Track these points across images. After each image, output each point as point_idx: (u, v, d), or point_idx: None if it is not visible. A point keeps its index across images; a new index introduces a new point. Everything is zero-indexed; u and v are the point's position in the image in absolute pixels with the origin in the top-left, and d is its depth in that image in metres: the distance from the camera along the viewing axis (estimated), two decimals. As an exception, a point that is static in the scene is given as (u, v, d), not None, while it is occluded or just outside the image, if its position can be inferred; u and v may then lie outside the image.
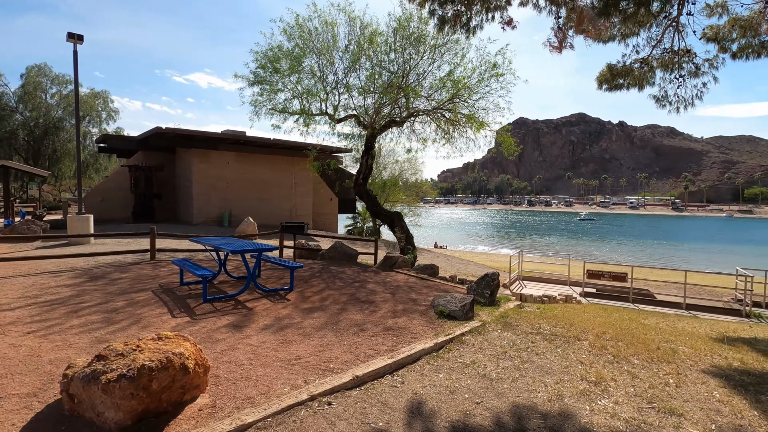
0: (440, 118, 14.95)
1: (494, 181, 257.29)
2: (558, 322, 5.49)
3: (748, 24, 8.06)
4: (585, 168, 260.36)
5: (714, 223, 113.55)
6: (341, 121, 14.87)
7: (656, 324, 6.32)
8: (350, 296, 6.77)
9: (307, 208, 24.49)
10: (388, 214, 12.76)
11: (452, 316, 5.38)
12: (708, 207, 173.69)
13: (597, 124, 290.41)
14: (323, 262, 10.70)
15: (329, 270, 9.35)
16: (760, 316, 11.02)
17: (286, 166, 23.57)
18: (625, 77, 9.13)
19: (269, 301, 6.40)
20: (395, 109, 14.80)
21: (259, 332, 4.92)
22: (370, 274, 8.85)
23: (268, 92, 14.48)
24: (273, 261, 7.49)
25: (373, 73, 14.27)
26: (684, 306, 11.73)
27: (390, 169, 25.23)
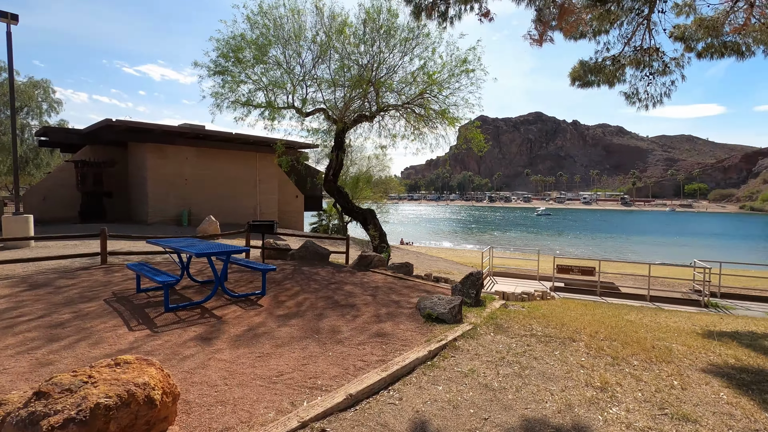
0: (410, 114, 14.68)
1: (457, 177, 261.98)
2: (548, 322, 5.35)
3: (711, 24, 8.28)
4: (542, 165, 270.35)
5: (658, 217, 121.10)
6: (309, 115, 14.29)
7: (640, 320, 6.35)
8: (328, 300, 6.34)
9: (272, 205, 23.61)
10: (361, 212, 12.36)
11: (441, 319, 5.09)
12: (653, 202, 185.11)
13: (553, 123, 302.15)
14: (294, 262, 10.17)
15: (302, 271, 8.86)
16: (717, 306, 11.57)
17: (249, 162, 22.58)
18: (596, 74, 9.20)
19: (240, 308, 5.87)
20: (365, 103, 14.40)
21: (231, 345, 4.42)
22: (345, 275, 8.44)
23: (231, 83, 13.66)
24: (242, 263, 6.93)
25: (343, 65, 13.78)
26: (648, 298, 12.14)
27: (358, 165, 24.77)
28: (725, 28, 8.02)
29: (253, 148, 22.17)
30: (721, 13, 8.06)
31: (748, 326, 6.35)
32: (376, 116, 14.65)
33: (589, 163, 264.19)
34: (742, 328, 6.07)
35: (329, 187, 12.71)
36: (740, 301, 12.41)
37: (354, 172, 24.57)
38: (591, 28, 8.27)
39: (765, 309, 11.56)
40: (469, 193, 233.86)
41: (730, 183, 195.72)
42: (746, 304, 12.10)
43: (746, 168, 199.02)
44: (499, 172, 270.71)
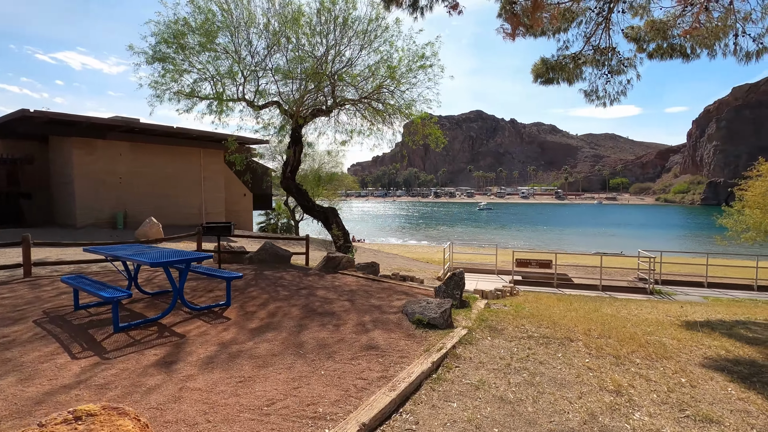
0: (368, 108, 14.30)
1: (403, 174, 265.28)
2: (539, 321, 5.26)
3: (661, 27, 8.71)
4: (483, 161, 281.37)
5: (588, 209, 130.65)
6: (262, 109, 13.44)
7: (618, 313, 6.52)
8: (304, 308, 5.83)
9: (218, 205, 22.17)
10: (322, 211, 11.79)
11: (432, 324, 4.81)
12: (583, 195, 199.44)
13: (492, 121, 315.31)
14: (253, 266, 9.44)
15: (264, 276, 8.20)
16: (660, 292, 12.41)
17: (193, 158, 20.99)
18: (558, 71, 9.39)
19: (204, 323, 5.20)
20: (321, 97, 13.81)
21: (204, 369, 3.82)
22: (314, 278, 7.91)
23: (173, 72, 12.46)
24: (202, 272, 6.19)
25: (297, 56, 13.08)
26: (600, 287, 12.77)
27: (309, 162, 23.95)
28: (675, 30, 8.47)
29: (197, 143, 20.63)
30: (670, 16, 8.51)
31: (710, 314, 6.76)
32: (333, 111, 14.13)
33: (526, 159, 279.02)
34: (708, 317, 6.43)
35: (287, 185, 12.00)
36: (677, 287, 13.43)
37: (306, 169, 23.75)
38: (553, 25, 8.37)
39: (699, 293, 12.59)
40: (415, 189, 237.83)
41: (647, 177, 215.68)
42: (683, 289, 13.11)
43: (660, 164, 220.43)
44: (444, 168, 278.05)
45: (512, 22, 6.89)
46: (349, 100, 14.03)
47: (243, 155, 12.81)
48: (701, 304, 8.36)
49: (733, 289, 13.19)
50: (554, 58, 9.35)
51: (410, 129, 14.83)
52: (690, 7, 8.07)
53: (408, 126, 14.94)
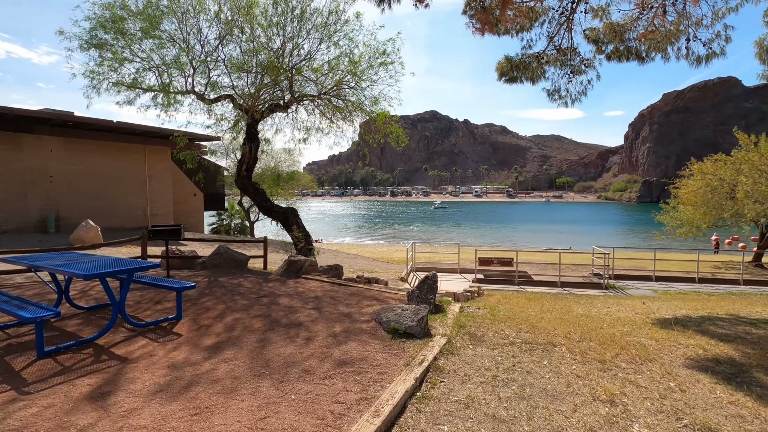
0: (328, 105, 13.79)
1: (360, 173, 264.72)
2: (518, 325, 5.08)
3: (619, 29, 8.94)
4: (438, 160, 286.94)
5: (537, 207, 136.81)
6: (214, 102, 12.57)
7: (590, 312, 6.52)
8: (266, 319, 5.30)
9: (165, 205, 20.69)
10: (281, 211, 11.14)
11: (409, 333, 4.47)
12: (532, 194, 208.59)
13: (447, 121, 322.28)
14: (206, 272, 8.69)
15: (219, 283, 7.53)
16: (614, 287, 12.88)
17: (137, 155, 19.41)
18: (522, 70, 9.41)
19: (150, 341, 4.56)
20: (278, 92, 13.15)
21: (150, 399, 3.25)
22: (275, 285, 7.35)
23: (111, 61, 11.34)
24: (147, 282, 5.49)
25: (251, 48, 12.34)
26: (559, 284, 13.06)
27: (266, 160, 22.96)
28: (632, 34, 8.71)
29: (140, 139, 19.11)
30: (628, 19, 8.75)
31: (673, 309, 6.95)
32: (291, 106, 13.50)
33: (479, 159, 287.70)
34: (674, 313, 6.60)
35: (243, 184, 11.24)
36: (628, 281, 14.03)
37: (263, 168, 22.75)
38: (519, 23, 8.34)
39: (648, 287, 13.21)
40: (372, 189, 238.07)
41: (589, 176, 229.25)
42: (634, 283, 13.72)
43: (601, 164, 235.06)
44: (400, 167, 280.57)
45: (481, 17, 6.72)
46: (308, 96, 13.46)
47: (194, 152, 11.90)
48: (659, 299, 8.68)
49: (677, 281, 13.98)
50: (518, 56, 9.37)
51: (371, 127, 14.48)
52: (646, 11, 8.32)
53: (368, 124, 14.60)
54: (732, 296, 10.83)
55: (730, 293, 11.84)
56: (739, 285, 13.58)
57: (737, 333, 5.13)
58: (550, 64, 9.24)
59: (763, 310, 6.96)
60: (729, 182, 20.47)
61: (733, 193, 20.35)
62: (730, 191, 20.58)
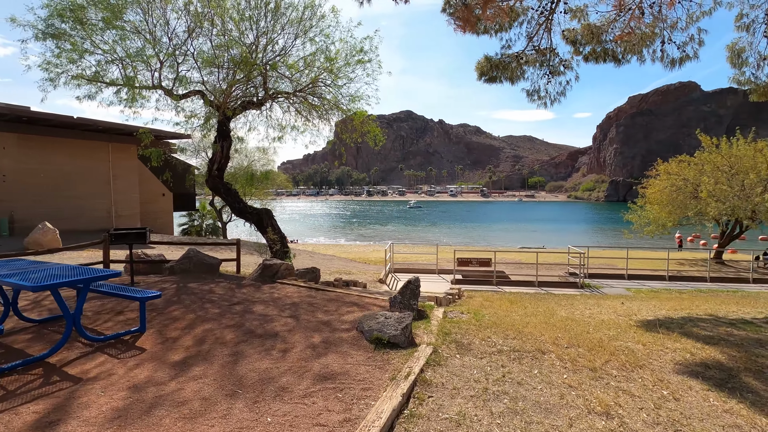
0: (303, 102, 13.41)
1: (335, 172, 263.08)
2: (504, 331, 4.93)
3: (596, 31, 8.99)
4: (414, 160, 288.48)
5: (510, 206, 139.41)
6: (182, 98, 12.00)
7: (573, 315, 6.47)
8: (239, 329, 4.96)
9: (132, 206, 19.74)
10: (255, 212, 10.69)
11: (393, 343, 4.24)
12: (506, 193, 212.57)
13: (422, 121, 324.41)
14: (175, 278, 8.20)
15: (189, 289, 7.09)
16: (590, 286, 13.07)
17: (100, 153, 18.41)
18: (502, 70, 9.34)
19: (110, 357, 4.16)
20: (251, 88, 12.70)
21: (105, 428, 2.89)
22: (249, 291, 6.98)
23: (70, 52, 10.65)
24: (107, 292, 5.04)
25: (223, 43, 11.84)
26: (536, 284, 13.15)
27: (239, 159, 22.24)
28: (609, 35, 8.77)
29: (104, 136, 18.14)
30: (605, 21, 8.81)
31: (654, 310, 7.00)
32: (265, 104, 13.07)
33: (454, 158, 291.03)
34: (655, 314, 6.64)
35: (214, 184, 10.74)
36: (602, 279, 14.28)
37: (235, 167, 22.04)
38: (501, 20, 8.25)
39: (621, 285, 13.47)
40: (348, 188, 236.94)
41: (559, 176, 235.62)
42: (607, 281, 13.96)
43: (571, 164, 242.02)
44: (376, 167, 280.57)
45: (462, 14, 6.56)
46: (283, 93, 13.05)
47: (160, 150, 11.30)
48: (635, 299, 8.80)
49: (648, 279, 14.34)
50: (498, 56, 9.30)
51: (348, 126, 14.19)
52: (623, 13, 8.39)
53: (344, 123, 14.31)
54: (702, 294, 11.14)
55: (698, 291, 12.20)
56: (706, 282, 14.04)
57: (720, 335, 5.17)
58: (530, 65, 9.21)
59: (738, 309, 7.14)
60: (692, 182, 21.33)
61: (696, 192, 21.20)
62: (693, 191, 21.44)
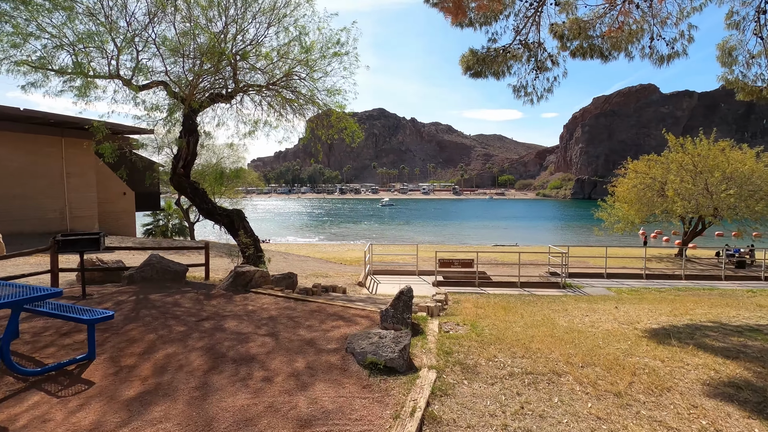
0: (277, 96, 12.65)
1: (307, 170, 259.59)
2: (510, 348, 4.48)
3: (583, 26, 8.73)
4: (386, 158, 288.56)
5: (481, 204, 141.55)
6: (143, 89, 11.03)
7: (574, 325, 6.09)
8: (208, 352, 4.29)
9: (89, 207, 18.31)
10: (226, 214, 9.87)
11: (391, 368, 3.70)
12: (477, 191, 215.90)
13: (394, 119, 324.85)
14: (135, 287, 7.35)
15: (150, 302, 6.30)
16: (571, 286, 12.96)
17: (52, 149, 16.92)
18: (487, 65, 8.95)
19: (46, 395, 3.43)
20: (219, 80, 11.85)
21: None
22: (220, 302, 6.26)
23: (11, 36, 9.54)
24: (45, 311, 4.25)
25: (188, 30, 10.94)
26: (519, 284, 12.92)
27: (207, 156, 21.09)
28: (597, 31, 8.53)
29: (56, 131, 16.67)
30: (593, 15, 8.56)
31: (652, 316, 6.77)
32: (236, 97, 12.24)
33: (426, 157, 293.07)
34: (656, 320, 6.39)
35: (179, 183, 9.85)
36: (582, 278, 14.23)
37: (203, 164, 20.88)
38: (493, 10, 7.83)
39: (602, 284, 13.46)
40: (320, 186, 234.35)
41: (528, 175, 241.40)
42: (588, 281, 13.93)
43: (539, 162, 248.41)
44: (349, 165, 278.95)
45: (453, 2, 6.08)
46: (254, 86, 12.24)
47: (115, 145, 10.29)
48: (626, 301, 8.63)
49: (626, 278, 14.42)
50: (484, 49, 8.90)
51: (323, 122, 13.50)
52: (612, 7, 8.16)
53: (320, 119, 13.64)
54: (682, 293, 11.20)
55: (677, 289, 12.30)
56: (682, 280, 14.25)
57: (735, 346, 4.93)
58: (517, 59, 8.86)
59: (736, 313, 7.03)
60: (660, 180, 21.94)
61: (663, 190, 21.82)
62: (660, 189, 22.07)
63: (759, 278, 14.26)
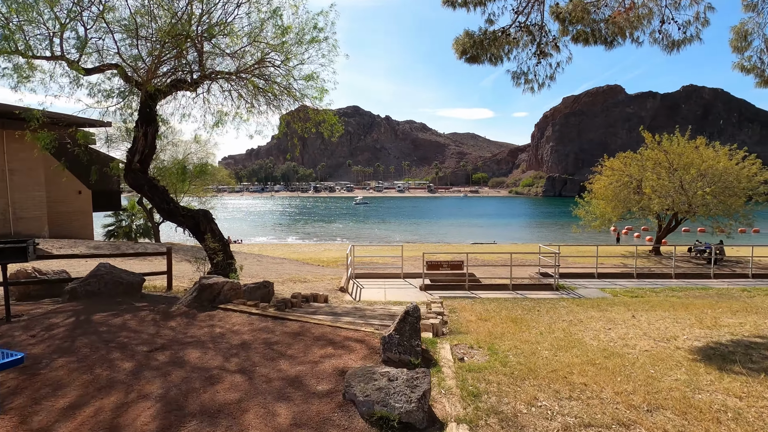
0: (248, 84, 11.45)
1: (281, 168, 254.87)
2: (549, 383, 3.62)
3: (586, 8, 8.04)
4: (361, 156, 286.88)
5: (456, 202, 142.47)
6: (93, 73, 9.69)
7: (604, 343, 5.27)
8: (159, 401, 3.23)
9: (36, 207, 16.50)
10: (190, 215, 8.63)
11: (407, 423, 2.77)
12: (451, 189, 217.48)
13: (369, 117, 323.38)
14: (77, 305, 6.12)
15: (92, 325, 5.12)
16: (564, 287, 12.38)
17: (-13, 142, 15.08)
18: (485, 49, 8.13)
19: None
20: (183, 64, 10.60)
21: None
22: (181, 323, 5.15)
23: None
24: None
25: (145, 7, 9.65)
26: (510, 287, 12.23)
27: (171, 151, 19.48)
28: (602, 14, 7.85)
29: (-7, 121, 14.85)
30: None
31: (679, 328, 6.08)
32: (202, 85, 11.01)
33: (401, 155, 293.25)
34: (691, 333, 5.70)
35: (135, 180, 8.56)
36: (572, 279, 13.68)
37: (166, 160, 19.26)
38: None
39: (594, 285, 12.95)
40: (294, 184, 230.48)
41: (501, 172, 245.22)
42: (579, 281, 13.39)
43: (511, 160, 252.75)
44: (323, 162, 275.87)
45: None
46: (223, 73, 11.03)
47: (54, 134, 8.91)
48: (641, 308, 7.95)
49: (617, 278, 13.99)
50: (480, 32, 8.08)
51: (300, 114, 12.40)
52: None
53: (297, 111, 12.53)
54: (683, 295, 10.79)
55: (671, 289, 11.92)
56: (672, 279, 13.94)
57: None
58: (516, 43, 8.08)
59: (764, 321, 6.41)
60: (636, 178, 22.04)
61: (640, 188, 21.91)
62: (636, 186, 22.17)
63: (747, 276, 14.12)
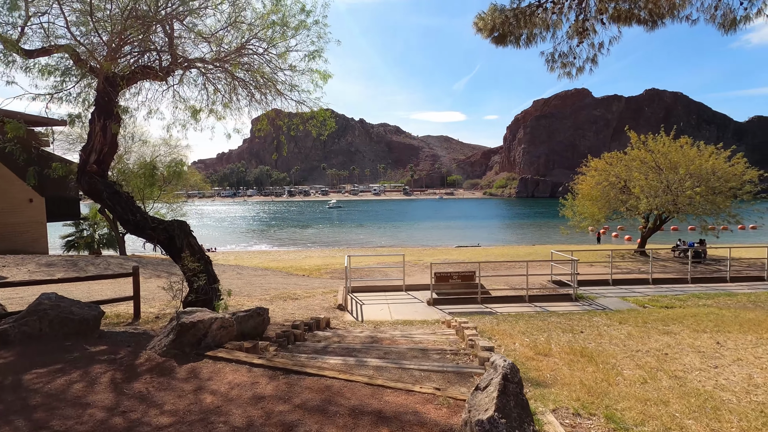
0: (227, 76, 9.93)
1: (253, 172, 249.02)
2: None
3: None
4: (336, 159, 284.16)
5: (432, 204, 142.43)
6: (37, 56, 8.00)
7: (709, 390, 4.05)
8: None
9: (-26, 217, 14.24)
10: (163, 227, 6.96)
11: None
12: (427, 191, 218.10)
13: (343, 120, 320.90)
14: (7, 354, 4.46)
15: (20, 392, 3.52)
16: (583, 297, 11.36)
17: None
18: (517, 25, 6.93)
19: None
20: (151, 48, 9.01)
21: None
22: (150, 387, 3.61)
23: None
24: None
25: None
26: (527, 298, 11.10)
27: (138, 152, 17.47)
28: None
29: None
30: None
31: None
32: (172, 74, 9.39)
33: (375, 157, 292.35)
34: None
35: (91, 185, 6.85)
36: (588, 287, 12.67)
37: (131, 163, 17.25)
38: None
39: (611, 293, 12.01)
40: (267, 188, 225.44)
41: (475, 174, 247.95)
42: (595, 289, 12.41)
43: (485, 162, 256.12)
44: (297, 166, 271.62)
45: None
46: (197, 61, 9.46)
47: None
48: (717, 332, 6.78)
49: (633, 284, 13.10)
50: (513, 4, 6.89)
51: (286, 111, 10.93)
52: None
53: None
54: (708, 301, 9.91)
55: (695, 296, 11.10)
56: (689, 284, 13.18)
57: None
58: (559, 20, 6.93)
59: None
60: (623, 178, 21.77)
61: (626, 188, 21.65)
62: (623, 187, 21.92)
63: (763, 279, 13.54)
